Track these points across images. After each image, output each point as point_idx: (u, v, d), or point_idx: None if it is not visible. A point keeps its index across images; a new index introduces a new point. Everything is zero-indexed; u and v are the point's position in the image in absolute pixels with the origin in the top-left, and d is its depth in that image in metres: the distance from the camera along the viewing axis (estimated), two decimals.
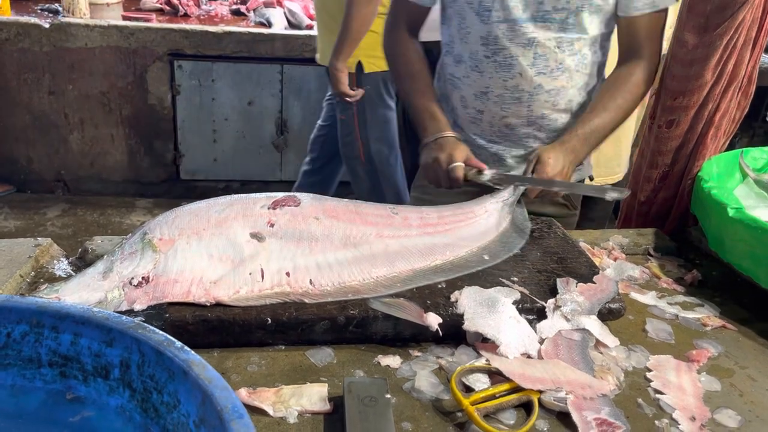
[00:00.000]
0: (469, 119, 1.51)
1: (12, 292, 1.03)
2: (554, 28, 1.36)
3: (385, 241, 1.11)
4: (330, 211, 1.12)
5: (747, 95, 1.47)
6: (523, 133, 1.47)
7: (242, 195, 1.14)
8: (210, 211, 1.07)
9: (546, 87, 1.41)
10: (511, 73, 1.41)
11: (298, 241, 1.05)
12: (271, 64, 3.73)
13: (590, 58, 1.43)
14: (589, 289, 1.05)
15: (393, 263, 1.08)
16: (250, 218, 1.07)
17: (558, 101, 1.44)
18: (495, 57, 1.41)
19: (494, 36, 1.39)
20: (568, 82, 1.42)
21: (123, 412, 0.67)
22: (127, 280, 0.96)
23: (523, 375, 0.88)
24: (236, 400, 0.57)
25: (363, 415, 0.79)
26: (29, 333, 0.69)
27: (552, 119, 1.46)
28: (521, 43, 1.38)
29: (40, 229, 3.55)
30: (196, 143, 3.90)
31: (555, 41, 1.37)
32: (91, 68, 3.68)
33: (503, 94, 1.44)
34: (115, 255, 1.00)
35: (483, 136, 1.51)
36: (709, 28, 1.37)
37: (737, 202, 1.22)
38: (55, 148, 3.86)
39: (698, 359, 1.00)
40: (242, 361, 0.93)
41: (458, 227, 1.20)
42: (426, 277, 1.06)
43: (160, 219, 1.06)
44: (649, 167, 1.54)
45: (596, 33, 1.40)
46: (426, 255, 1.11)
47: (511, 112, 1.45)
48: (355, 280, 1.03)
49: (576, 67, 1.41)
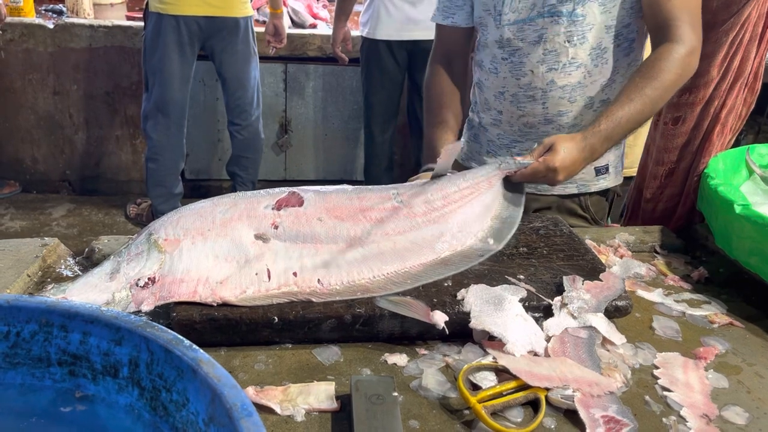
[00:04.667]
0: (491, 121, 1.53)
1: (20, 291, 1.04)
2: (563, 21, 1.34)
3: (392, 238, 1.10)
4: (333, 211, 1.11)
5: (753, 91, 1.47)
6: (543, 132, 1.46)
7: (246, 193, 1.14)
8: (214, 212, 1.07)
9: (559, 83, 1.40)
10: (522, 71, 1.41)
11: (303, 243, 1.06)
12: (275, 63, 3.73)
13: (612, 52, 1.37)
14: (596, 287, 1.05)
15: (403, 260, 1.08)
16: (254, 219, 1.07)
17: (575, 97, 1.41)
18: (511, 58, 1.42)
19: (507, 38, 1.40)
20: (585, 78, 1.39)
21: (132, 410, 0.67)
22: (133, 281, 0.96)
23: (530, 373, 0.88)
24: (245, 398, 0.57)
25: (370, 413, 0.79)
26: (38, 332, 0.69)
27: (572, 116, 1.43)
28: (531, 41, 1.38)
29: (46, 229, 3.56)
30: (201, 143, 3.91)
31: (564, 36, 1.35)
32: (96, 68, 3.69)
33: (517, 93, 1.44)
34: (122, 256, 1.00)
35: (505, 136, 1.52)
36: (715, 24, 1.37)
37: (744, 199, 1.22)
38: (60, 148, 3.87)
39: (705, 356, 1.00)
40: (249, 359, 0.93)
41: (464, 205, 1.18)
42: (437, 272, 1.06)
43: (165, 219, 1.06)
44: (655, 164, 1.54)
45: (612, 22, 1.34)
46: (434, 246, 1.11)
47: (527, 111, 1.45)
48: (365, 279, 1.03)
49: (594, 62, 1.38)
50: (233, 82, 3.27)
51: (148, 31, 3.08)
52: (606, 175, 1.52)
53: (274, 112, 3.88)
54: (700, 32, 1.29)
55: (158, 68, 3.10)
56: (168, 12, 3.00)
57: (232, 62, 3.22)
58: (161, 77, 3.11)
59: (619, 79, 1.41)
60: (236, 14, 3.10)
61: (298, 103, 3.90)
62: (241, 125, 3.38)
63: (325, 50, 3.68)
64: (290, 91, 3.85)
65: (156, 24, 3.03)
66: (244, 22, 3.16)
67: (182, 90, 3.18)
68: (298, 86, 3.84)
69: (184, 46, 3.08)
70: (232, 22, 3.11)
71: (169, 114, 3.19)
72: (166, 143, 3.25)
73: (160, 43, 3.05)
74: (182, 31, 3.04)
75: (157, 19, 3.02)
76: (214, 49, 3.19)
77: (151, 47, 3.08)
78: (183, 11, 3.00)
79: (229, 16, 3.09)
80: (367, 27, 3.24)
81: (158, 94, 3.15)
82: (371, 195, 1.17)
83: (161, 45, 3.04)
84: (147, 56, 3.13)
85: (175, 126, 3.24)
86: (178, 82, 3.14)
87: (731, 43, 1.37)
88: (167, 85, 3.13)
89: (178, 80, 3.14)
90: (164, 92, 3.14)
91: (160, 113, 3.18)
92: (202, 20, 3.05)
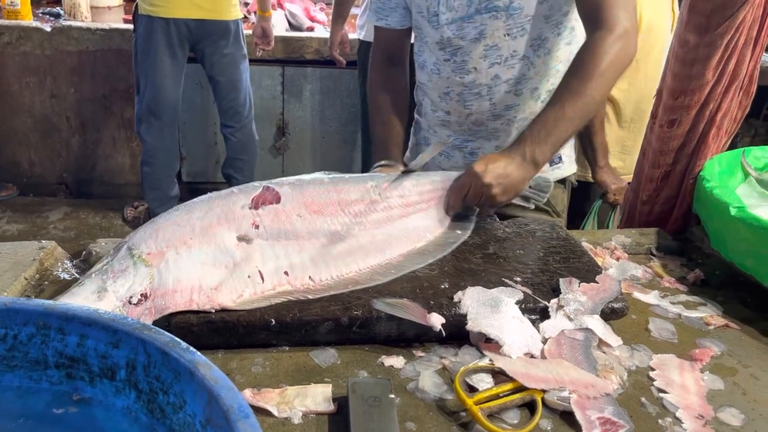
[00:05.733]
0: (439, 122, 1.52)
1: (17, 294, 1.04)
2: (501, 15, 1.32)
3: (370, 231, 1.14)
4: (311, 206, 1.12)
5: (748, 94, 1.47)
6: (492, 128, 1.46)
7: (218, 193, 1.11)
8: (191, 219, 1.04)
9: (503, 77, 1.39)
10: (466, 69, 1.40)
11: (286, 240, 1.06)
12: (272, 66, 3.73)
13: (553, 41, 1.36)
14: (592, 289, 1.06)
15: (383, 252, 1.12)
16: (234, 222, 1.06)
17: (520, 90, 1.40)
18: (453, 58, 1.41)
19: (447, 38, 1.39)
20: (529, 70, 1.38)
21: (129, 413, 0.67)
22: (125, 300, 0.92)
23: (526, 374, 0.88)
24: (242, 400, 0.57)
25: (367, 416, 0.79)
26: (36, 335, 0.69)
27: (520, 110, 1.42)
28: (472, 39, 1.37)
29: (43, 232, 3.56)
30: (198, 145, 3.91)
31: (504, 29, 1.33)
32: (93, 71, 3.69)
33: (463, 92, 1.43)
34: (106, 274, 0.94)
35: (455, 136, 1.51)
36: (710, 27, 1.37)
37: (739, 202, 1.22)
38: (57, 151, 3.87)
39: (701, 358, 1.00)
40: (246, 362, 0.93)
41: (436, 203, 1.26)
42: (416, 261, 1.11)
43: (142, 233, 1.02)
44: (651, 167, 1.54)
45: (549, 12, 1.32)
46: (409, 237, 1.17)
47: (474, 108, 1.44)
48: (352, 272, 1.06)
49: (536, 53, 1.37)
50: (226, 85, 3.28)
51: (139, 34, 3.09)
52: (560, 164, 1.53)
53: (272, 114, 3.88)
54: (633, 13, 1.25)
55: (150, 71, 3.11)
56: (158, 14, 3.02)
57: (223, 65, 3.23)
58: (152, 80, 3.13)
59: (564, 67, 1.37)
60: (225, 17, 3.12)
61: (296, 106, 3.90)
62: (235, 127, 3.39)
63: (323, 53, 3.69)
64: (287, 93, 3.85)
65: (146, 27, 3.05)
66: (234, 25, 3.17)
67: (173, 92, 3.20)
68: (296, 89, 3.85)
69: (175, 48, 3.09)
70: (222, 25, 3.12)
71: (161, 116, 3.21)
72: (159, 146, 3.27)
73: (150, 46, 3.06)
74: (172, 34, 3.05)
75: (147, 22, 3.04)
76: (204, 52, 3.20)
77: (143, 50, 3.09)
78: (173, 14, 3.02)
79: (218, 19, 3.10)
80: (364, 30, 3.24)
81: (150, 97, 3.16)
82: (348, 186, 1.18)
83: (152, 47, 3.06)
84: (138, 59, 3.14)
85: (168, 128, 3.26)
86: (169, 84, 3.16)
87: (726, 46, 1.37)
88: (158, 87, 3.15)
89: (169, 82, 3.15)
90: (156, 94, 3.16)
91: (153, 116, 3.20)
92: (191, 23, 3.06)
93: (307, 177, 1.19)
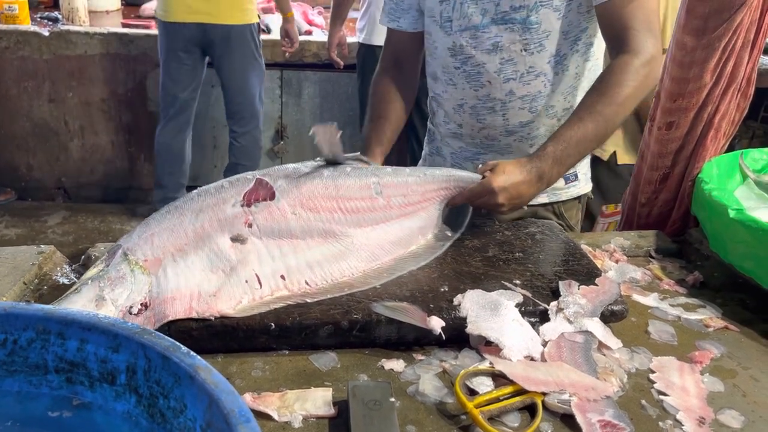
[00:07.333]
0: (451, 134, 1.50)
1: (16, 299, 1.03)
2: (518, 29, 1.30)
3: (366, 233, 1.12)
4: (308, 202, 1.08)
5: (746, 97, 1.48)
6: (505, 144, 1.43)
7: (208, 188, 1.07)
8: (183, 223, 1.01)
9: (518, 93, 1.36)
10: (480, 82, 1.38)
11: (281, 239, 1.04)
12: (271, 70, 3.74)
13: (572, 58, 1.34)
14: (592, 292, 1.06)
15: (375, 254, 1.11)
16: (226, 222, 1.02)
17: (536, 107, 1.37)
18: (464, 67, 1.38)
19: (459, 45, 1.36)
20: (545, 87, 1.35)
21: (129, 417, 0.67)
22: (125, 309, 0.90)
23: (526, 377, 0.88)
24: (243, 404, 0.57)
25: (367, 419, 0.79)
26: (35, 339, 0.69)
27: (534, 127, 1.40)
28: (486, 50, 1.34)
29: (41, 236, 3.55)
30: (197, 149, 3.90)
31: (521, 44, 1.31)
32: (91, 75, 3.69)
33: (476, 105, 1.40)
34: (102, 281, 0.91)
35: (467, 149, 1.49)
36: (708, 30, 1.37)
37: (738, 204, 1.22)
38: (55, 155, 3.87)
39: (701, 360, 1.00)
40: (246, 366, 0.93)
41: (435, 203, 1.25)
42: (408, 264, 1.12)
43: (136, 239, 0.99)
44: (650, 169, 1.55)
45: (568, 28, 1.30)
46: (402, 240, 1.17)
47: (487, 123, 1.41)
48: (345, 276, 1.06)
49: (554, 70, 1.34)
50: (232, 89, 3.33)
51: (158, 37, 3.27)
52: (576, 182, 1.52)
53: (270, 118, 3.89)
54: (659, 38, 1.24)
55: (163, 71, 3.28)
56: (165, 19, 3.13)
57: (230, 69, 3.27)
58: (164, 80, 3.28)
59: (582, 84, 1.38)
60: (229, 21, 3.14)
61: (294, 110, 3.91)
62: (238, 132, 3.41)
63: (321, 56, 3.70)
64: (286, 97, 3.86)
65: (160, 30, 3.22)
66: (241, 30, 3.19)
67: (177, 93, 3.28)
68: (294, 92, 3.85)
69: (177, 51, 3.18)
70: (226, 29, 3.15)
71: (166, 115, 3.34)
72: (162, 142, 3.39)
73: (163, 48, 3.22)
74: (173, 37, 3.15)
75: (159, 26, 3.21)
76: (213, 56, 3.27)
77: (160, 52, 3.26)
78: (173, 18, 3.11)
79: (221, 23, 3.13)
80: (363, 33, 3.25)
81: (161, 96, 3.33)
82: (349, 182, 1.13)
83: (164, 49, 3.22)
84: (160, 60, 3.31)
85: (168, 128, 3.37)
86: (170, 84, 3.27)
87: (724, 48, 1.38)
88: (164, 87, 3.29)
89: (180, 84, 3.26)
90: (162, 94, 3.31)
91: (162, 115, 3.36)
92: (195, 27, 3.12)
93: (306, 167, 1.14)
